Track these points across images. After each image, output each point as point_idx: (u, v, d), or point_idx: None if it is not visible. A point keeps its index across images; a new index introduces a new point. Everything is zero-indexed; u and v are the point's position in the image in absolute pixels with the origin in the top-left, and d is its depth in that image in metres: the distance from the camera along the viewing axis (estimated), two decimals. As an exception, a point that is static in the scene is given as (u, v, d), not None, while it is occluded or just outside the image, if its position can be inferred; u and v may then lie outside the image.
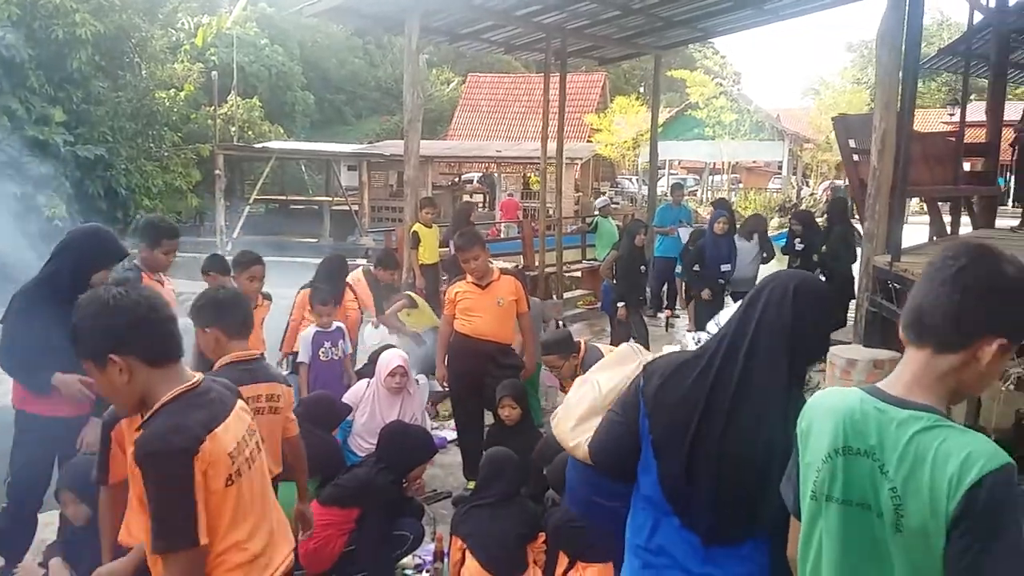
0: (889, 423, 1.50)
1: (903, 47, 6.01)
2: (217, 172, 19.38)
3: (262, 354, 3.18)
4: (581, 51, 12.58)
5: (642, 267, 9.17)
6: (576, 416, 2.39)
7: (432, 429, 6.17)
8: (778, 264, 8.99)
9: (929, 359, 1.51)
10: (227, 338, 2.93)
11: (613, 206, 16.69)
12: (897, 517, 1.45)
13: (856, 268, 7.63)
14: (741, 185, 31.21)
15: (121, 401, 1.98)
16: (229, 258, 5.65)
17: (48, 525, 3.92)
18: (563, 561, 3.66)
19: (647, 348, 5.64)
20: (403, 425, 4.54)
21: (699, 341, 6.57)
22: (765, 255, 8.88)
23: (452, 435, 6.06)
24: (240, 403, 2.13)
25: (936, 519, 1.39)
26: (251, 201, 21.30)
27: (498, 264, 5.97)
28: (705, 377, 1.95)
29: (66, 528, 3.46)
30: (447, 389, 5.79)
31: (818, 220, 10.30)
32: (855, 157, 7.27)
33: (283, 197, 24.43)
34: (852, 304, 7.32)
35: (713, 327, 6.83)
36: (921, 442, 1.44)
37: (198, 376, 2.02)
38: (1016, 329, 1.49)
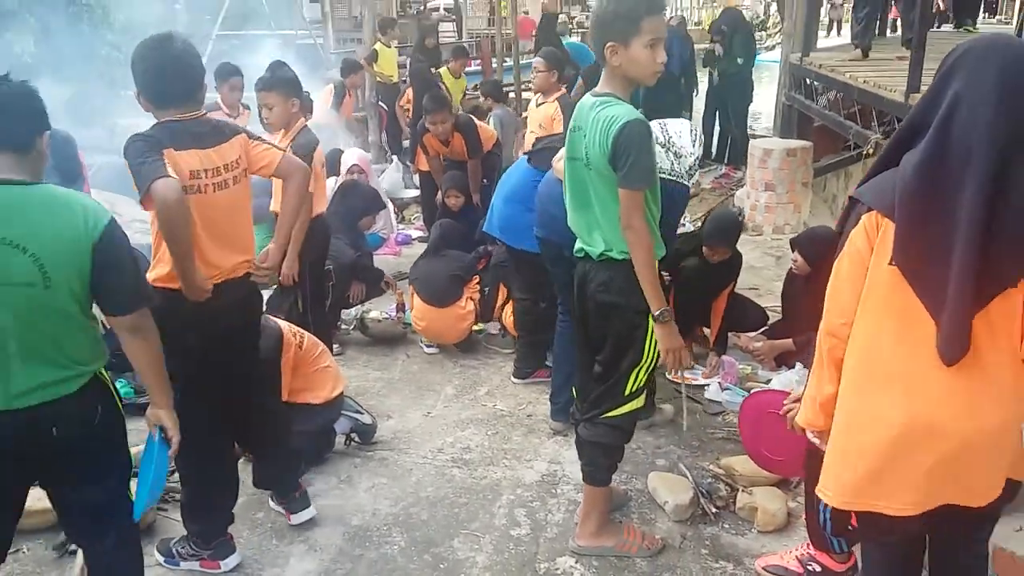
0: (589, 107, 2.44)
1: None
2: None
3: None
4: None
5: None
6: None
7: (399, 230, 7.10)
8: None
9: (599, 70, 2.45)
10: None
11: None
12: (587, 159, 2.47)
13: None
14: None
15: None
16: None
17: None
18: (503, 295, 4.59)
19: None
20: (353, 181, 5.35)
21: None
22: None
23: (416, 233, 7.12)
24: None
25: (602, 154, 2.35)
26: (213, 37, 20.95)
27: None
28: None
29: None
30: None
31: None
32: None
33: (244, 33, 23.91)
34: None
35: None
36: (598, 113, 2.39)
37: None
38: (624, 30, 2.31)
